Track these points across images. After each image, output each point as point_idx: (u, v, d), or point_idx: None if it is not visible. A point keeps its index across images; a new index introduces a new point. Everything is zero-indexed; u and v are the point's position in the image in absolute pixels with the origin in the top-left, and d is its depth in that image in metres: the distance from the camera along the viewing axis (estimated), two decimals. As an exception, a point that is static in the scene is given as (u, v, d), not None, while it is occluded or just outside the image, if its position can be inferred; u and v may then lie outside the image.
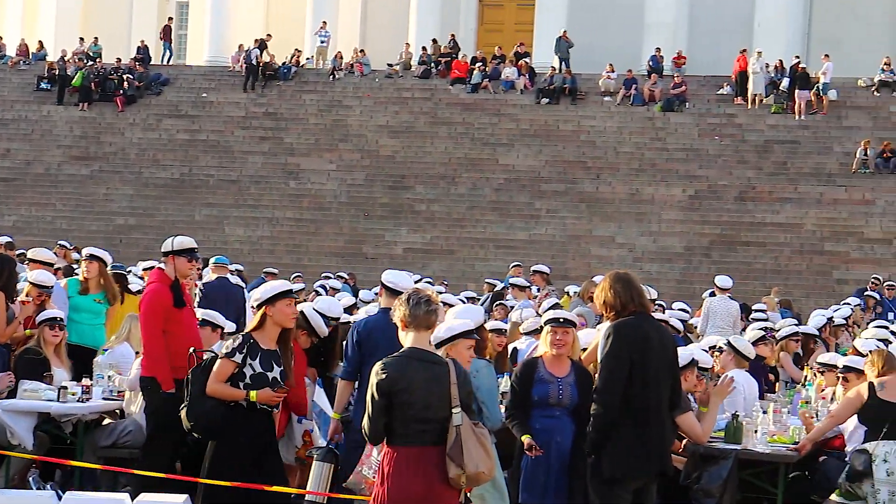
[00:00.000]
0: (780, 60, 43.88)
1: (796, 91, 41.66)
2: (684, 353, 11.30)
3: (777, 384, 15.52)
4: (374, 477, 8.63)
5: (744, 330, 19.29)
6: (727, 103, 43.04)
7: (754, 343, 14.34)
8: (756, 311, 22.25)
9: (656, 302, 19.28)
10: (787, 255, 36.68)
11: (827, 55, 42.73)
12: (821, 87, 41.83)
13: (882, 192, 38.03)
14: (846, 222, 37.37)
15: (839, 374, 12.31)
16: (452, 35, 48.05)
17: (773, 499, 11.32)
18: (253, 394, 9.42)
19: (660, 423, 9.13)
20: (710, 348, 13.62)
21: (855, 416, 11.14)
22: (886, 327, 18.37)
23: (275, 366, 9.56)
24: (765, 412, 11.90)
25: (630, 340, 9.12)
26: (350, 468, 10.71)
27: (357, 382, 10.52)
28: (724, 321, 21.62)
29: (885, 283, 28.93)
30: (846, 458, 11.06)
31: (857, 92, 42.80)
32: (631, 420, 9.03)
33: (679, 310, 19.41)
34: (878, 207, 37.63)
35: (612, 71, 44.37)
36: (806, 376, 14.83)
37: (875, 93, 42.38)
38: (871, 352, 11.59)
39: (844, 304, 24.36)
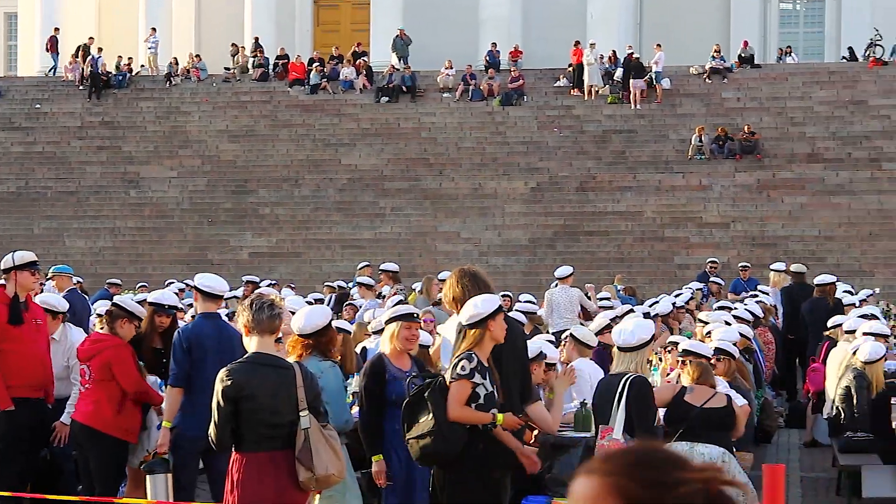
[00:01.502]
0: (614, 51, 44.48)
1: (631, 81, 42.27)
2: (533, 346, 11.40)
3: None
4: None
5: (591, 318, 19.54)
6: (564, 95, 43.52)
7: (601, 331, 14.54)
8: (601, 299, 22.56)
9: (504, 294, 19.43)
10: (629, 243, 37.23)
11: (659, 45, 43.47)
12: (653, 76, 42.54)
13: (718, 176, 38.81)
14: (685, 208, 38.06)
15: (678, 358, 12.57)
16: (256, 38, 47.76)
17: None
18: (500, 416, 8.59)
19: (513, 416, 9.18)
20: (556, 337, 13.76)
21: None
22: (729, 309, 18.81)
23: (493, 384, 8.77)
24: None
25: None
26: (187, 477, 10.47)
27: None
28: (567, 310, 21.89)
29: (741, 265, 29.62)
30: None
31: (689, 79, 43.59)
32: (486, 414, 9.07)
33: (526, 302, 19.58)
34: (714, 192, 38.39)
35: (451, 67, 44.52)
36: (650, 361, 15.04)
37: (707, 80, 43.20)
38: (689, 362, 11.81)
39: (687, 288, 24.85)
